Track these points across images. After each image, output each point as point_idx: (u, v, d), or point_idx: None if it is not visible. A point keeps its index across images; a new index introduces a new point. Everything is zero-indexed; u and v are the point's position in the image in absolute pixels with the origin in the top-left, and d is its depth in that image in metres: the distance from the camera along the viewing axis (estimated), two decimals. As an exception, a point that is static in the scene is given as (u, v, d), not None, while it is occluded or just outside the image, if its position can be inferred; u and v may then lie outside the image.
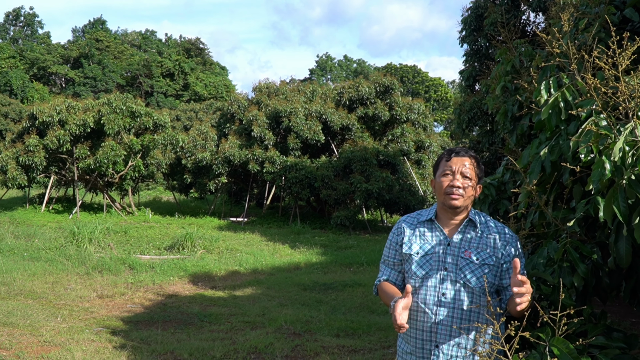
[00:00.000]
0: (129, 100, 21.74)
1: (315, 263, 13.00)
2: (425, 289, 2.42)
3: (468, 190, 2.42)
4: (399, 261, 2.58)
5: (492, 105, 4.83)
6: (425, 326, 2.40)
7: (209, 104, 38.52)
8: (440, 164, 2.52)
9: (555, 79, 2.70)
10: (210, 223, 20.56)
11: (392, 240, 2.61)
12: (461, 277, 2.37)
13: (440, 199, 2.49)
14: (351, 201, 20.23)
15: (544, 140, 2.68)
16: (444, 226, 2.50)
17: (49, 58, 57.69)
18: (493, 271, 2.38)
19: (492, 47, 13.29)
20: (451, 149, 2.52)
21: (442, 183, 2.45)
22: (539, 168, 2.61)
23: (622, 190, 1.95)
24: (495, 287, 2.41)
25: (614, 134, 2.06)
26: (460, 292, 2.37)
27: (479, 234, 2.44)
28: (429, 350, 2.39)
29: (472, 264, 2.38)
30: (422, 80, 64.81)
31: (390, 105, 22.55)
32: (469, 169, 2.43)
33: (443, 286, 2.39)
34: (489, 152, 13.20)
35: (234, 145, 21.32)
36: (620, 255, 2.09)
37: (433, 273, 2.42)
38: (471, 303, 2.36)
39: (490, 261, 2.38)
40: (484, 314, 2.37)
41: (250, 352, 6.26)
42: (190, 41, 65.87)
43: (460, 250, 2.41)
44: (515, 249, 2.43)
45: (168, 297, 9.28)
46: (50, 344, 6.25)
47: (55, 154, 20.56)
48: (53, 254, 12.06)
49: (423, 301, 2.42)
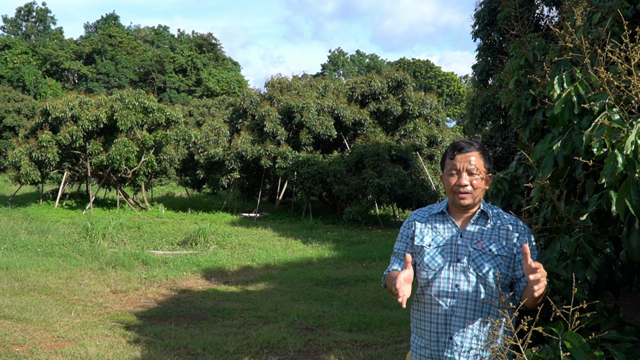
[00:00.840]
0: (141, 96, 21.83)
1: (327, 258, 12.99)
2: (438, 280, 2.41)
3: (476, 185, 2.40)
4: (410, 253, 2.55)
5: (505, 99, 4.79)
6: (440, 318, 2.39)
7: (221, 99, 38.60)
8: (445, 161, 2.50)
9: (568, 74, 2.68)
10: (222, 218, 20.62)
11: (403, 234, 2.60)
12: (474, 268, 2.36)
13: (449, 197, 2.48)
14: (363, 196, 20.20)
15: (557, 135, 2.66)
16: (455, 218, 2.48)
17: (61, 54, 58.03)
18: (506, 262, 2.37)
19: (505, 42, 13.16)
20: (454, 144, 2.48)
21: (449, 182, 2.44)
22: (551, 162, 2.58)
23: (635, 183, 1.93)
24: (509, 279, 2.39)
25: (626, 128, 2.03)
26: (474, 284, 2.35)
27: (491, 226, 2.42)
28: (443, 342, 2.38)
29: (485, 255, 2.36)
30: (434, 75, 64.50)
31: (402, 100, 22.46)
32: (474, 165, 2.40)
33: (456, 277, 2.37)
34: (502, 146, 13.09)
35: (246, 140, 21.35)
36: (632, 248, 2.07)
37: (446, 265, 2.40)
38: (485, 294, 2.34)
39: (503, 252, 2.36)
40: (497, 305, 2.35)
41: (263, 346, 6.27)
42: (202, 37, 65.97)
43: (473, 242, 2.39)
44: (528, 241, 2.40)
45: (181, 292, 9.32)
46: (64, 339, 6.30)
47: (68, 149, 20.70)
48: (67, 249, 12.16)
49: (436, 293, 2.40)
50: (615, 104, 2.18)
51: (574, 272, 2.36)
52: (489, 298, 2.35)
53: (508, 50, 6.20)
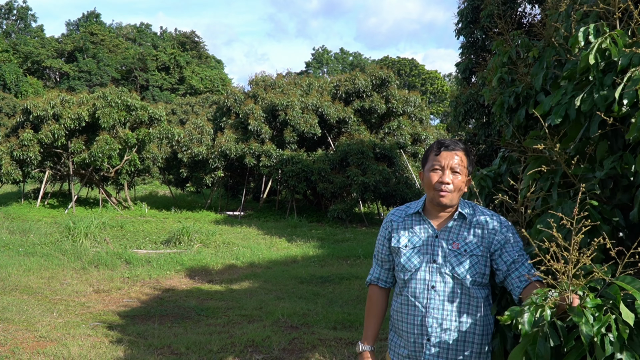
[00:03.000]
0: (124, 94, 21.63)
1: (312, 256, 12.99)
2: (414, 282, 2.41)
3: (457, 185, 2.39)
4: (387, 256, 2.59)
5: (489, 97, 4.80)
6: (416, 320, 2.39)
7: (204, 97, 38.42)
8: (429, 157, 2.47)
9: (595, 26, 2.53)
10: (206, 217, 20.52)
11: (381, 235, 2.61)
12: (450, 269, 2.35)
13: (428, 194, 2.45)
14: (348, 194, 20.22)
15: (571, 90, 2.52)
16: (432, 218, 2.47)
17: (42, 52, 57.34)
18: (482, 261, 2.36)
19: (488, 39, 13.24)
20: (440, 141, 2.46)
21: (431, 178, 2.41)
22: (563, 111, 2.46)
23: None
24: (486, 277, 2.38)
25: None
26: (450, 285, 2.35)
27: (467, 225, 2.41)
28: (420, 343, 2.37)
29: (461, 255, 2.35)
30: (418, 73, 64.74)
31: (386, 98, 22.52)
32: (458, 164, 2.38)
33: (432, 278, 2.37)
34: (485, 144, 13.18)
35: (230, 139, 21.26)
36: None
37: (422, 265, 2.40)
38: (461, 294, 2.34)
39: (478, 251, 2.36)
40: (475, 305, 2.35)
41: (248, 345, 6.24)
42: (185, 34, 65.60)
43: (449, 242, 2.39)
44: (505, 236, 2.38)
45: (165, 292, 9.26)
46: (46, 339, 6.22)
47: (50, 148, 20.45)
48: (49, 249, 12.01)
49: (413, 294, 2.40)
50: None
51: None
52: (466, 298, 2.34)
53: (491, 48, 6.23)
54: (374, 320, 2.65)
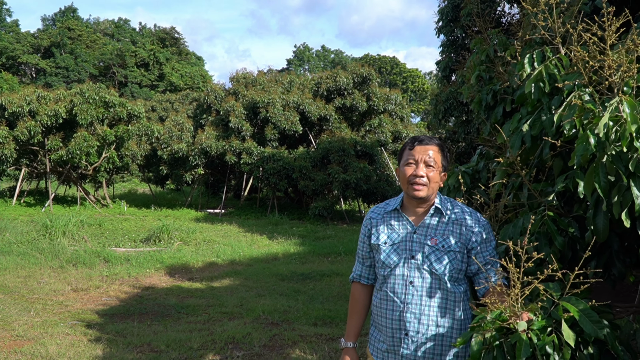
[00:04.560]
0: (102, 90, 21.36)
1: (293, 253, 12.99)
2: (393, 278, 2.44)
3: (432, 179, 2.41)
4: (367, 254, 2.62)
5: (467, 94, 4.84)
6: (395, 315, 2.42)
7: (185, 94, 38.03)
8: (404, 152, 2.51)
9: (539, 52, 2.68)
10: (187, 215, 20.39)
11: (362, 232, 2.66)
12: (428, 264, 2.38)
13: (404, 188, 2.49)
14: (329, 192, 20.25)
15: (525, 115, 2.66)
16: (410, 215, 2.50)
17: (18, 47, 56.31)
18: (460, 257, 2.40)
19: (468, 38, 13.34)
20: (415, 137, 2.51)
21: (406, 172, 2.44)
22: (519, 142, 2.59)
23: (604, 166, 1.96)
24: (463, 273, 2.43)
25: (598, 109, 2.06)
26: (428, 280, 2.38)
27: (445, 221, 2.44)
28: (399, 338, 2.41)
29: (439, 251, 2.39)
30: (399, 72, 64.98)
31: (367, 96, 22.58)
32: (432, 158, 2.42)
33: (411, 274, 2.40)
34: (464, 141, 13.29)
35: (210, 136, 21.15)
36: (598, 229, 2.11)
37: (401, 262, 2.43)
38: (439, 290, 2.37)
39: (456, 247, 2.39)
40: (452, 300, 2.38)
41: (228, 342, 6.22)
42: (165, 30, 64.97)
43: (427, 238, 2.42)
44: (482, 233, 2.43)
45: (144, 290, 9.18)
46: (23, 338, 6.14)
47: (26, 145, 20.12)
48: (25, 247, 11.83)
49: (392, 290, 2.44)
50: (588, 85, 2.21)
51: (537, 249, 2.39)
52: (444, 293, 2.38)
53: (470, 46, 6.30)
54: (356, 317, 2.68)
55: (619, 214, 1.96)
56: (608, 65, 2.06)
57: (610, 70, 2.07)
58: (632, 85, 2.11)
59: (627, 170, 1.92)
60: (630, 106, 1.93)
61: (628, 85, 2.11)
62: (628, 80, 2.10)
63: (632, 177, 1.92)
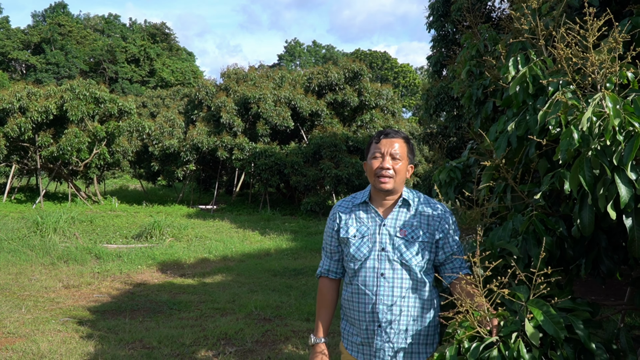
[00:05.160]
0: (92, 86, 21.27)
1: (285, 249, 13.00)
2: (364, 270, 2.46)
3: (398, 171, 2.45)
4: (335, 248, 2.63)
5: (458, 89, 4.86)
6: (367, 307, 2.44)
7: (176, 90, 37.90)
8: (371, 146, 2.55)
9: (523, 55, 2.72)
10: (178, 211, 20.34)
11: (328, 227, 2.66)
12: (398, 256, 2.41)
13: (371, 181, 2.53)
14: (321, 187, 20.26)
15: (511, 116, 2.70)
16: (377, 207, 2.53)
17: (8, 43, 55.85)
18: (428, 248, 2.44)
19: (458, 33, 13.35)
20: (381, 131, 2.54)
21: (373, 165, 2.48)
22: (505, 143, 2.63)
23: (588, 160, 1.99)
24: (431, 262, 2.47)
25: (582, 105, 2.09)
26: (399, 271, 2.41)
27: (413, 212, 2.48)
28: (372, 330, 2.43)
29: (407, 242, 2.42)
30: (391, 67, 65.01)
31: (359, 91, 22.58)
32: (398, 150, 2.46)
33: (381, 266, 2.42)
34: (456, 136, 13.33)
35: (202, 132, 21.09)
36: (584, 223, 2.14)
37: (371, 254, 2.45)
38: (410, 281, 2.41)
39: (425, 238, 2.43)
40: (423, 290, 2.42)
41: (221, 338, 6.23)
42: (155, 26, 64.55)
43: (395, 230, 2.45)
44: (448, 224, 2.48)
45: (136, 286, 9.17)
46: (14, 335, 6.12)
47: (16, 142, 20.00)
48: (16, 244, 11.77)
49: (363, 283, 2.46)
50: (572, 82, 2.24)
51: (526, 249, 2.43)
52: (415, 284, 2.41)
53: (461, 41, 6.29)
54: (325, 312, 2.68)
55: (604, 207, 1.99)
56: (591, 63, 2.09)
57: (593, 68, 2.09)
58: (614, 81, 2.14)
59: (611, 164, 1.95)
60: (613, 101, 1.96)
61: (610, 81, 2.15)
62: (610, 77, 2.13)
63: (616, 170, 1.94)
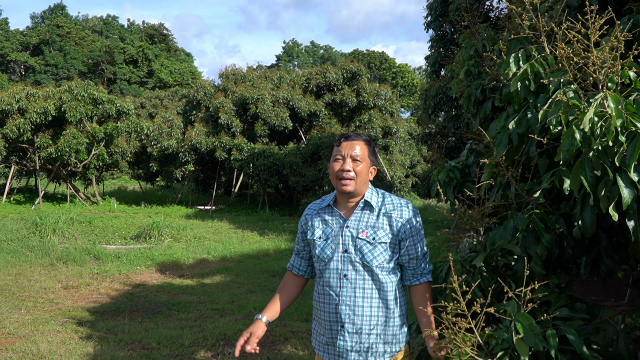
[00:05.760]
0: (90, 87, 21.26)
1: (284, 249, 13.00)
2: (328, 271, 2.50)
3: (359, 173, 2.47)
4: (302, 247, 2.72)
5: (456, 89, 4.87)
6: (331, 308, 2.48)
7: (174, 91, 37.95)
8: (333, 149, 2.58)
9: (524, 52, 2.71)
10: (177, 212, 20.34)
11: (298, 229, 2.73)
12: (360, 257, 2.44)
13: (334, 184, 2.55)
14: (320, 187, 20.26)
15: (512, 113, 2.69)
16: (341, 209, 2.56)
17: (7, 45, 55.86)
18: (390, 248, 2.46)
19: (456, 33, 13.37)
20: (343, 134, 2.56)
21: (334, 168, 2.51)
22: (506, 140, 2.63)
23: (589, 161, 1.98)
24: (395, 262, 2.49)
25: (583, 105, 2.09)
26: (361, 272, 2.44)
27: (376, 213, 2.50)
28: (336, 330, 2.48)
29: (369, 244, 2.44)
30: (389, 67, 65.06)
31: (357, 92, 22.60)
32: (359, 152, 2.48)
33: (344, 267, 2.46)
34: (454, 136, 13.35)
35: (200, 132, 21.09)
36: (585, 224, 2.13)
37: (334, 256, 2.49)
38: (372, 281, 2.44)
39: (387, 239, 2.45)
40: (385, 290, 2.45)
41: (220, 338, 6.24)
42: (153, 27, 64.54)
43: (358, 231, 2.47)
44: (412, 226, 2.49)
45: (135, 287, 9.17)
46: (14, 335, 6.12)
47: (15, 143, 20.01)
48: (15, 245, 11.76)
49: (327, 284, 2.51)
50: (573, 81, 2.24)
51: (526, 247, 2.43)
52: (377, 284, 2.44)
53: (459, 41, 6.29)
54: (277, 297, 2.75)
55: (606, 208, 1.98)
56: (592, 62, 2.09)
57: (595, 67, 2.09)
58: (616, 81, 2.14)
59: (613, 164, 1.94)
60: (615, 101, 1.96)
61: (612, 81, 2.14)
62: (612, 76, 2.13)
63: (618, 171, 1.94)
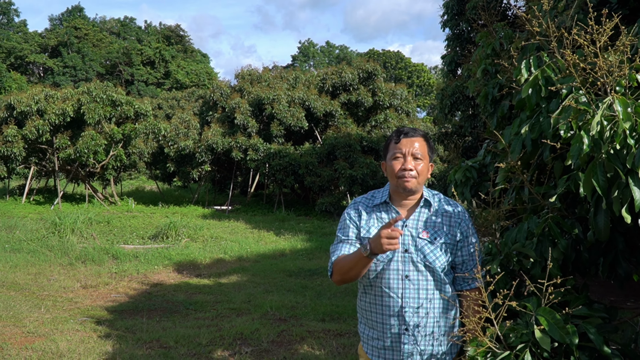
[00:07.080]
0: (109, 88, 21.48)
1: (300, 249, 13.02)
2: (388, 272, 2.38)
3: (421, 172, 2.40)
4: (355, 237, 2.46)
5: (473, 88, 4.84)
6: (393, 311, 2.37)
7: (190, 91, 38.17)
8: (389, 146, 2.48)
9: (535, 58, 2.70)
10: (194, 212, 20.46)
11: (351, 220, 2.49)
12: (421, 257, 2.35)
13: (393, 182, 2.45)
14: (335, 187, 20.26)
15: (525, 119, 2.69)
16: (399, 207, 2.46)
17: (26, 47, 56.63)
18: (450, 248, 2.39)
19: (473, 31, 13.28)
20: (400, 129, 2.47)
21: (394, 166, 2.41)
22: (520, 146, 2.61)
23: (601, 164, 1.97)
24: (451, 263, 2.43)
25: (592, 110, 2.08)
26: (423, 273, 2.36)
27: (435, 213, 2.43)
28: (398, 334, 2.37)
29: (431, 244, 2.37)
30: (405, 66, 64.83)
31: (373, 91, 22.54)
32: (419, 150, 2.40)
33: (405, 268, 2.36)
34: (471, 136, 13.25)
35: (216, 133, 21.19)
36: (599, 228, 2.12)
37: (394, 256, 2.37)
38: (434, 282, 2.36)
39: (447, 239, 2.38)
40: (445, 290, 2.39)
41: (237, 338, 6.26)
42: (170, 28, 65.06)
43: (418, 231, 2.39)
44: (467, 226, 2.44)
45: (153, 286, 9.25)
46: (34, 334, 6.20)
47: (34, 144, 20.28)
48: (35, 245, 11.93)
49: (387, 285, 2.38)
50: (582, 87, 2.22)
51: (542, 251, 2.41)
52: (438, 285, 2.37)
53: (476, 40, 6.26)
54: None
55: (619, 210, 1.96)
56: (599, 67, 2.07)
57: (602, 72, 2.08)
58: (624, 84, 2.12)
59: (624, 167, 1.93)
60: (623, 104, 1.94)
61: (620, 85, 2.12)
62: (620, 80, 2.11)
63: (630, 173, 1.92)
